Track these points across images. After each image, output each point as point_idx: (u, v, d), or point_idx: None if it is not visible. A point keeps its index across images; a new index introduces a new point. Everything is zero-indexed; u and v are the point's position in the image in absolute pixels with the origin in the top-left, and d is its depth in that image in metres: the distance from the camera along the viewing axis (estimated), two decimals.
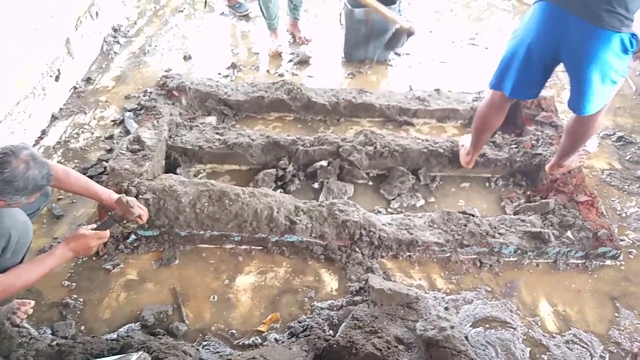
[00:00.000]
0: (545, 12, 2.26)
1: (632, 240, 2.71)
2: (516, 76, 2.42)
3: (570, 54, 2.27)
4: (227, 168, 3.05)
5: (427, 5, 5.05)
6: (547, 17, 2.25)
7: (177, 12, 4.72)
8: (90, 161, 3.04)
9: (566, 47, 2.25)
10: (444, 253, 2.55)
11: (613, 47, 2.16)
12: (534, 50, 2.32)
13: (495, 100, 2.62)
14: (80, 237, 2.02)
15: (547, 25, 2.26)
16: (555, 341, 2.23)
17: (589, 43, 2.18)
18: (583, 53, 2.21)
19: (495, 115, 2.67)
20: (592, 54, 2.19)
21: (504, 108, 2.66)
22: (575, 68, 2.30)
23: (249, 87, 3.51)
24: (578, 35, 2.18)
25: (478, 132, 2.77)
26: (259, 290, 2.39)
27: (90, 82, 3.74)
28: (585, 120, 2.47)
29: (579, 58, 2.25)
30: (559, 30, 2.22)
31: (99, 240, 2.08)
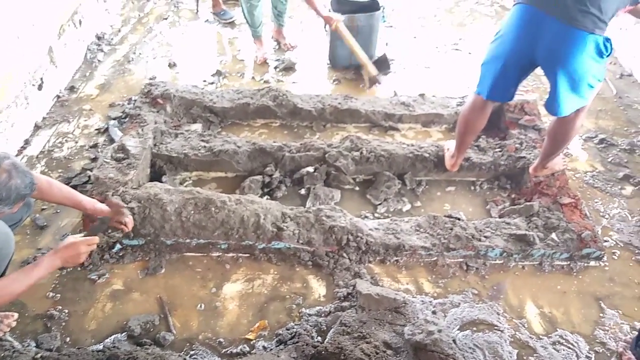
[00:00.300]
0: (523, 15, 2.31)
1: (616, 241, 2.74)
2: (494, 79, 2.47)
3: (547, 55, 2.31)
4: (213, 175, 3.04)
5: (411, 11, 5.09)
6: (525, 20, 2.30)
7: (162, 20, 4.71)
8: (74, 170, 3.01)
9: (542, 49, 2.30)
10: (430, 257, 2.57)
11: (588, 49, 2.20)
12: (512, 51, 2.37)
13: (477, 103, 2.65)
14: (71, 245, 1.97)
15: (524, 26, 2.31)
16: (542, 343, 2.24)
17: (564, 44, 2.22)
18: (558, 54, 2.26)
19: (477, 118, 2.71)
20: (567, 54, 2.23)
21: (486, 111, 2.69)
22: (551, 69, 2.35)
23: (235, 94, 3.51)
24: (554, 36, 2.23)
25: (462, 136, 2.80)
26: (246, 298, 2.38)
27: (74, 90, 3.71)
28: (565, 123, 2.51)
29: (554, 59, 2.29)
30: (536, 31, 2.27)
31: (88, 247, 2.04)
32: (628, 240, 2.74)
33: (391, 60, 4.13)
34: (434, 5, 5.23)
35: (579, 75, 2.28)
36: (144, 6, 4.93)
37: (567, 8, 2.17)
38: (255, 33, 4.14)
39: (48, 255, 1.94)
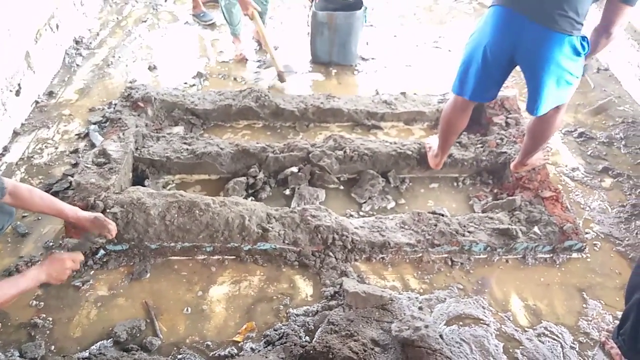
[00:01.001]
0: (501, 17, 2.32)
1: (597, 233, 2.79)
2: (475, 80, 2.49)
3: (526, 56, 2.34)
4: (197, 178, 3.02)
5: (390, 9, 5.13)
6: (502, 21, 2.31)
7: (141, 23, 4.67)
8: (55, 176, 2.97)
9: (521, 50, 2.32)
10: (416, 253, 2.58)
11: (564, 50, 2.24)
12: (491, 54, 2.38)
13: (458, 103, 2.68)
14: (56, 260, 1.99)
15: (502, 29, 2.33)
16: (527, 335, 2.27)
17: (543, 46, 2.25)
18: (537, 56, 2.28)
19: (459, 117, 2.73)
20: (546, 56, 2.26)
21: (467, 110, 2.72)
22: (530, 70, 2.38)
23: (216, 95, 3.49)
24: (532, 38, 2.25)
25: (444, 135, 2.82)
26: (233, 300, 2.37)
27: (53, 95, 3.65)
28: (544, 121, 2.55)
29: (533, 61, 2.32)
30: (514, 33, 2.29)
31: (74, 263, 2.05)
32: (608, 231, 2.80)
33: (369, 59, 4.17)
34: (413, 4, 5.27)
35: (558, 76, 2.32)
36: (122, 9, 4.88)
37: (544, 11, 2.19)
38: (234, 31, 4.15)
39: (34, 267, 1.95)
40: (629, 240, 2.74)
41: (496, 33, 2.34)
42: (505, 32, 2.32)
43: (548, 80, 2.32)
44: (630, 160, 3.31)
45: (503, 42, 2.35)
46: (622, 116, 3.70)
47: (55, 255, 2.01)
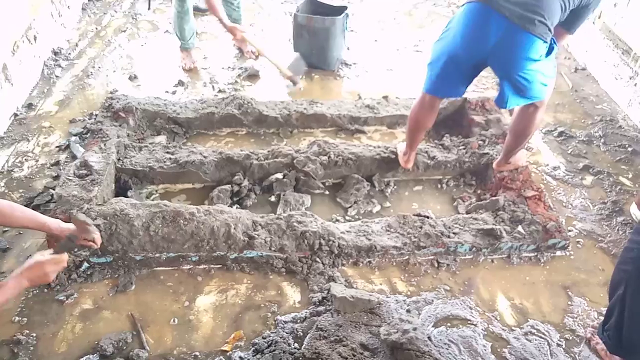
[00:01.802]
0: (478, 13, 2.32)
1: (579, 230, 2.83)
2: (444, 76, 2.53)
3: (501, 55, 2.36)
4: (181, 187, 3.00)
5: (370, 14, 5.16)
6: (479, 18, 2.32)
7: (120, 32, 4.64)
8: (36, 190, 2.92)
9: (497, 49, 2.34)
10: (402, 256, 2.59)
11: (539, 52, 2.30)
12: (463, 50, 2.41)
13: (426, 101, 2.72)
14: (36, 265, 1.91)
15: (475, 25, 2.34)
16: (514, 334, 2.29)
17: (520, 47, 2.28)
18: (514, 56, 2.32)
19: (427, 115, 2.78)
20: (522, 57, 2.31)
21: (434, 108, 2.76)
22: (505, 69, 2.41)
23: (199, 103, 3.48)
24: (510, 38, 2.28)
25: (412, 133, 2.87)
26: (220, 309, 2.35)
27: (32, 108, 3.60)
28: (525, 118, 2.59)
29: (509, 60, 2.35)
30: (488, 30, 2.30)
31: (56, 265, 1.97)
32: (590, 228, 2.84)
33: (350, 64, 4.19)
34: (393, 9, 5.31)
35: (532, 76, 2.36)
36: (101, 19, 4.84)
37: (526, 15, 2.23)
38: (185, 45, 4.08)
39: (13, 276, 1.86)
40: (611, 237, 2.78)
41: (471, 30, 2.36)
42: (478, 28, 2.33)
43: (521, 79, 2.36)
44: (609, 157, 3.37)
45: (475, 38, 2.36)
46: (601, 114, 3.77)
47: (36, 258, 1.92)
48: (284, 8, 5.22)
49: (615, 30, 3.93)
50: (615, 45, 3.92)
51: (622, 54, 3.84)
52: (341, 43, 4.12)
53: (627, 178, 3.20)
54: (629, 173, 3.25)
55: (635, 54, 3.68)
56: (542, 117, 2.68)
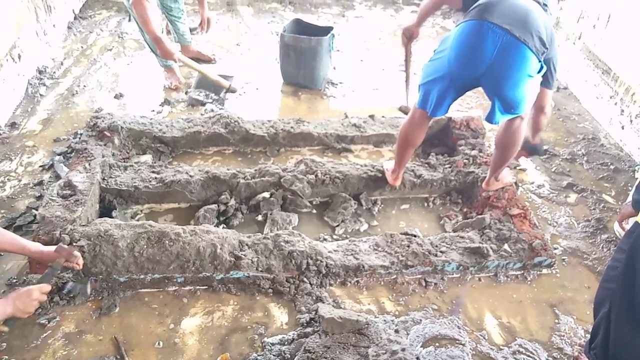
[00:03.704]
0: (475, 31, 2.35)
1: (565, 248, 2.85)
2: (439, 97, 2.56)
3: (496, 73, 2.38)
4: (166, 207, 2.97)
5: (356, 34, 5.22)
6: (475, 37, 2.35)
7: (106, 51, 4.62)
8: (18, 210, 2.87)
9: (492, 66, 2.36)
10: (390, 275, 2.59)
11: (534, 68, 2.36)
12: (457, 70, 2.45)
13: (416, 118, 2.75)
14: (23, 292, 1.91)
15: (473, 44, 2.36)
16: (502, 353, 2.29)
17: (516, 62, 2.32)
18: (509, 73, 2.36)
19: (417, 132, 2.80)
20: (517, 74, 2.35)
21: (424, 125, 2.80)
22: (498, 87, 2.43)
23: (185, 122, 3.46)
24: (506, 53, 2.31)
25: (402, 150, 2.89)
26: (206, 331, 2.31)
27: (15, 127, 3.56)
28: (511, 132, 2.62)
29: (503, 77, 2.38)
30: (487, 48, 2.32)
31: (41, 295, 1.96)
32: (575, 246, 2.86)
33: (337, 83, 4.22)
34: (378, 29, 5.39)
35: (521, 89, 2.40)
36: (86, 38, 4.83)
37: (526, 29, 2.29)
38: (164, 63, 4.06)
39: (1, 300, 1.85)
40: (596, 254, 2.81)
41: (467, 48, 2.39)
42: (477, 47, 2.35)
43: (513, 96, 2.41)
44: (592, 175, 3.42)
45: (474, 57, 2.38)
46: (583, 133, 3.84)
47: (23, 288, 1.94)
48: (270, 28, 5.26)
49: (595, 51, 4.02)
50: (596, 65, 4.01)
51: (602, 74, 3.92)
52: (327, 63, 4.16)
53: (610, 195, 3.25)
54: (612, 191, 3.30)
55: (615, 74, 3.77)
56: (525, 127, 2.72)
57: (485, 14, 2.33)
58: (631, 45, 3.59)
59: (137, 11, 3.37)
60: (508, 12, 2.32)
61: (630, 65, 3.62)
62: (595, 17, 4.01)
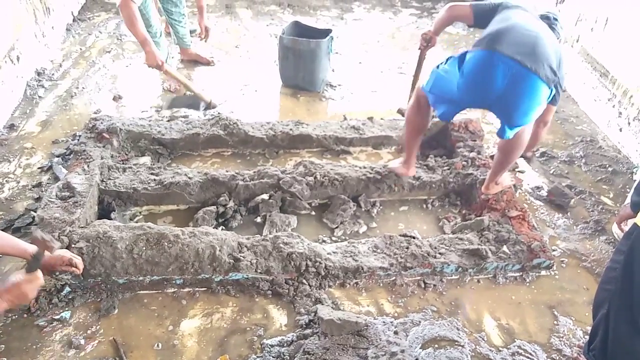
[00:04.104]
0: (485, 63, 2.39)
1: (563, 250, 2.86)
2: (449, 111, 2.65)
3: (506, 104, 2.44)
4: (165, 209, 2.97)
5: (355, 37, 5.23)
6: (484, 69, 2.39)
7: (105, 53, 4.63)
8: (17, 212, 2.86)
9: (502, 98, 2.41)
10: (389, 277, 2.59)
11: (544, 98, 2.42)
12: (467, 98, 2.55)
13: (420, 102, 2.80)
14: (12, 287, 1.86)
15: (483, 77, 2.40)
16: (501, 355, 2.29)
17: (527, 94, 2.38)
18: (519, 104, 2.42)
19: (422, 115, 2.84)
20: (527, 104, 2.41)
21: (429, 110, 2.84)
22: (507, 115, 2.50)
23: (184, 124, 3.46)
24: (517, 85, 2.35)
25: (410, 136, 2.93)
26: (205, 333, 2.31)
27: (14, 128, 3.56)
28: (515, 136, 2.63)
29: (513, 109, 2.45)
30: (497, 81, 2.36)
31: (32, 284, 1.92)
32: (574, 248, 2.87)
33: (336, 86, 4.23)
34: (377, 31, 5.40)
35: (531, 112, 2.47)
36: (85, 40, 4.83)
37: (531, 56, 2.32)
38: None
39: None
40: (594, 256, 2.82)
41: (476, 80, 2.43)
42: (488, 79, 2.39)
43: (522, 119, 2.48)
44: (590, 177, 3.43)
45: (484, 89, 2.44)
46: (581, 135, 3.85)
47: (11, 280, 1.87)
48: (269, 30, 5.27)
49: (593, 54, 4.03)
50: (593, 67, 4.02)
51: (600, 77, 3.94)
52: (326, 65, 4.17)
53: (608, 197, 3.26)
54: (610, 193, 3.31)
55: (613, 77, 3.78)
56: (530, 132, 2.73)
57: (495, 44, 2.36)
58: (629, 48, 3.60)
59: (123, 13, 3.31)
60: (518, 41, 2.34)
61: (628, 67, 3.63)
62: (593, 20, 4.02)
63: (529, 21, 2.49)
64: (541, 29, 2.47)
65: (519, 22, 2.45)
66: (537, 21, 2.55)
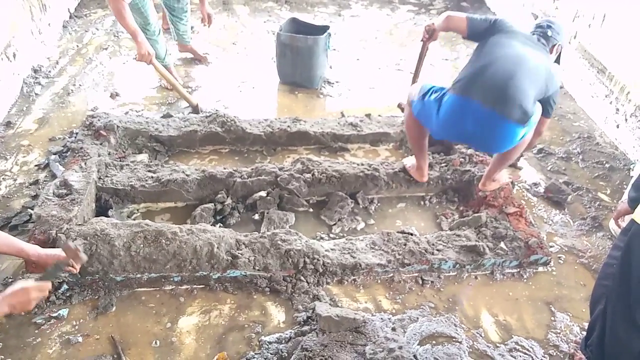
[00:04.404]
0: (456, 108, 2.52)
1: (560, 246, 2.86)
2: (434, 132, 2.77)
3: (482, 144, 2.70)
4: (163, 206, 2.96)
5: (352, 34, 5.23)
6: (457, 115, 2.53)
7: (102, 50, 4.61)
8: (14, 209, 2.85)
9: (477, 138, 2.59)
10: (387, 274, 2.59)
11: (519, 135, 2.53)
12: (445, 135, 2.75)
13: (412, 115, 2.83)
14: (20, 291, 1.84)
15: (455, 122, 2.55)
16: (499, 351, 2.29)
17: (500, 137, 2.52)
18: (494, 144, 2.62)
19: (417, 125, 2.85)
20: (503, 144, 2.58)
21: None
22: (485, 150, 2.84)
23: (181, 121, 3.46)
24: (489, 130, 2.49)
25: (414, 142, 2.93)
26: (203, 330, 2.31)
27: (11, 126, 3.55)
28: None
29: (491, 148, 2.73)
30: (468, 126, 2.51)
31: (40, 292, 1.92)
32: (571, 244, 2.87)
33: (333, 82, 4.23)
34: (374, 28, 5.39)
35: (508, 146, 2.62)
36: (82, 37, 4.82)
37: (502, 99, 2.41)
38: (162, 62, 3.98)
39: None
40: (591, 252, 2.82)
41: (450, 124, 2.58)
42: (459, 124, 2.54)
43: (499, 150, 2.70)
44: (588, 174, 3.43)
45: (457, 132, 2.62)
46: (578, 132, 3.85)
47: (20, 284, 1.88)
48: (266, 27, 5.26)
49: (590, 50, 4.03)
50: (591, 64, 4.02)
51: (597, 73, 3.94)
52: (324, 62, 4.16)
53: (605, 194, 3.27)
54: (607, 189, 3.31)
55: (610, 73, 3.78)
56: (530, 135, 2.76)
57: (469, 90, 2.48)
58: (626, 45, 3.61)
59: (111, 5, 3.25)
60: (492, 84, 2.44)
61: (625, 64, 3.63)
62: (590, 17, 4.02)
63: (513, 53, 2.51)
64: (523, 60, 2.49)
65: (500, 58, 2.49)
66: (524, 48, 2.54)
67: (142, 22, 3.65)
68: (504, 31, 2.62)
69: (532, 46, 2.57)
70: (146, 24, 3.70)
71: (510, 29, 2.62)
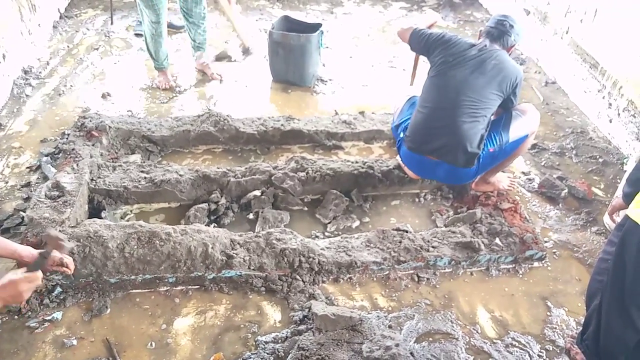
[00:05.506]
0: (410, 159, 2.82)
1: (555, 241, 2.87)
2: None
3: (446, 181, 3.01)
4: (156, 207, 2.94)
5: (345, 31, 5.21)
6: (413, 163, 2.84)
7: (93, 50, 4.58)
8: (5, 212, 2.83)
9: (441, 178, 2.90)
10: (382, 271, 2.58)
11: (472, 175, 2.77)
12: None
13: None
14: (9, 284, 1.81)
15: (414, 168, 2.87)
16: (496, 347, 2.29)
17: (456, 178, 2.81)
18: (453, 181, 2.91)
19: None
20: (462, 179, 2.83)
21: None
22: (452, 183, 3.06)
23: (174, 121, 3.44)
24: (443, 173, 2.77)
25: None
26: (199, 331, 2.30)
27: (1, 128, 3.51)
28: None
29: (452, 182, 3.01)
30: (427, 170, 2.83)
31: (30, 283, 1.88)
32: (566, 239, 2.88)
33: (326, 80, 4.23)
34: (367, 25, 5.38)
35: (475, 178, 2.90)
36: (72, 37, 4.78)
37: (446, 151, 2.64)
38: (159, 65, 4.01)
39: None
40: (586, 247, 2.83)
41: (413, 168, 2.89)
42: (419, 170, 2.87)
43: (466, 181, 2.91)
44: (581, 169, 3.44)
45: (421, 173, 2.93)
46: (572, 127, 3.86)
47: (8, 277, 1.84)
48: (259, 25, 5.24)
49: (583, 45, 4.04)
50: (583, 59, 4.03)
51: (590, 68, 3.95)
52: (317, 60, 4.15)
53: (599, 188, 3.28)
54: (601, 184, 3.32)
55: (602, 68, 3.79)
56: (531, 141, 2.85)
57: (417, 147, 2.73)
58: (618, 39, 3.61)
59: None
60: (434, 138, 2.65)
61: (618, 59, 3.64)
62: (582, 12, 4.03)
63: (452, 87, 2.59)
64: (463, 89, 2.56)
65: (439, 104, 2.62)
66: (463, 71, 2.57)
67: (154, 19, 3.67)
68: (442, 55, 2.66)
69: (476, 61, 2.58)
70: (156, 22, 3.70)
71: (449, 50, 2.65)
